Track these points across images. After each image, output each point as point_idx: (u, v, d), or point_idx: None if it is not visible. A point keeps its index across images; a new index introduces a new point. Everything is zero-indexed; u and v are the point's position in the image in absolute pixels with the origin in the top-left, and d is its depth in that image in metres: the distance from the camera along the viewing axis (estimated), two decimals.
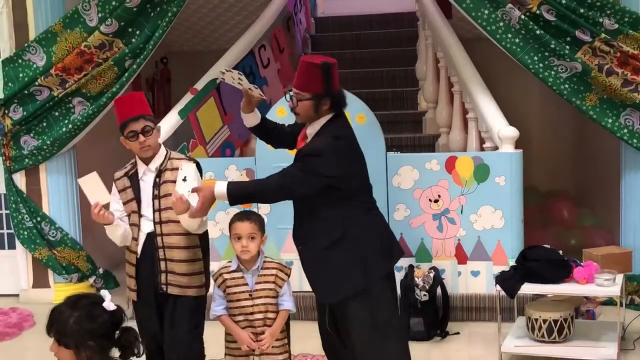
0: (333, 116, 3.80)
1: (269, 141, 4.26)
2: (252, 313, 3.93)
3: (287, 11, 8.55)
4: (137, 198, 4.01)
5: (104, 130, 6.59)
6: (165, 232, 3.96)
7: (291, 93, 3.81)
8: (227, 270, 4.00)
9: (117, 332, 2.78)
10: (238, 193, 3.70)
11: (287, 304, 3.98)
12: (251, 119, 4.12)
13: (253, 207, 5.67)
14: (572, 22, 5.76)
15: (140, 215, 4.01)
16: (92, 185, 3.85)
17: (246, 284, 3.96)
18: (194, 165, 3.99)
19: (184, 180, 3.80)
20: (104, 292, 2.87)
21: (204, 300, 4.11)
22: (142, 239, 4.01)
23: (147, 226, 4.00)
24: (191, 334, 4.00)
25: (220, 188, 3.65)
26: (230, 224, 4.01)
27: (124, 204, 4.06)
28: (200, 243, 4.05)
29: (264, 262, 4.00)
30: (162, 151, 4.07)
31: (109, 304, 2.76)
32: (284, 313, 3.98)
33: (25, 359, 5.66)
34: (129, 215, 4.05)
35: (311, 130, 3.83)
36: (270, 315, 3.95)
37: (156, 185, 3.99)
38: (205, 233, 4.10)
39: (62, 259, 6.85)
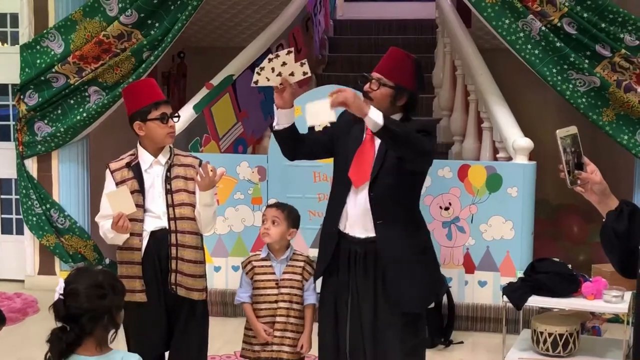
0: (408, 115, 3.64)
1: (294, 147, 3.70)
2: (276, 302, 3.94)
3: (307, 12, 8.54)
4: (142, 191, 3.78)
5: (118, 120, 6.58)
6: (179, 229, 3.78)
7: (369, 76, 3.60)
8: (256, 258, 4.01)
9: None
10: (392, 123, 3.40)
11: (312, 298, 3.98)
12: (288, 117, 3.55)
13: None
14: (593, 37, 5.74)
15: (144, 210, 3.78)
16: (120, 198, 3.63)
17: (273, 273, 3.96)
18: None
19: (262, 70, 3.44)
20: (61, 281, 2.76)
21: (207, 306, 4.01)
22: (146, 237, 3.79)
23: (150, 223, 3.79)
24: (204, 342, 3.94)
25: (376, 111, 3.34)
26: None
27: None
28: (202, 246, 3.92)
29: (294, 253, 4.01)
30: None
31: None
32: (311, 307, 3.98)
33: (28, 344, 5.65)
34: None
35: None
36: (295, 306, 3.95)
37: (168, 180, 3.78)
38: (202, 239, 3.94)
39: (70, 247, 6.86)
